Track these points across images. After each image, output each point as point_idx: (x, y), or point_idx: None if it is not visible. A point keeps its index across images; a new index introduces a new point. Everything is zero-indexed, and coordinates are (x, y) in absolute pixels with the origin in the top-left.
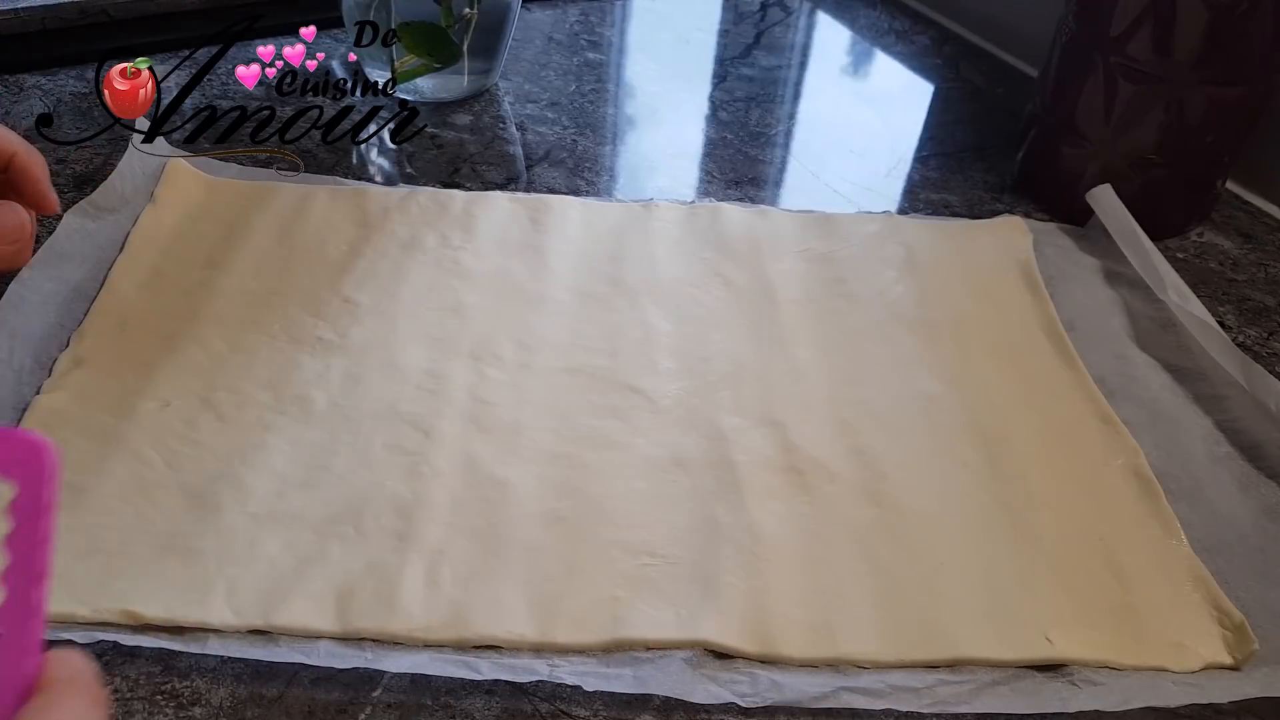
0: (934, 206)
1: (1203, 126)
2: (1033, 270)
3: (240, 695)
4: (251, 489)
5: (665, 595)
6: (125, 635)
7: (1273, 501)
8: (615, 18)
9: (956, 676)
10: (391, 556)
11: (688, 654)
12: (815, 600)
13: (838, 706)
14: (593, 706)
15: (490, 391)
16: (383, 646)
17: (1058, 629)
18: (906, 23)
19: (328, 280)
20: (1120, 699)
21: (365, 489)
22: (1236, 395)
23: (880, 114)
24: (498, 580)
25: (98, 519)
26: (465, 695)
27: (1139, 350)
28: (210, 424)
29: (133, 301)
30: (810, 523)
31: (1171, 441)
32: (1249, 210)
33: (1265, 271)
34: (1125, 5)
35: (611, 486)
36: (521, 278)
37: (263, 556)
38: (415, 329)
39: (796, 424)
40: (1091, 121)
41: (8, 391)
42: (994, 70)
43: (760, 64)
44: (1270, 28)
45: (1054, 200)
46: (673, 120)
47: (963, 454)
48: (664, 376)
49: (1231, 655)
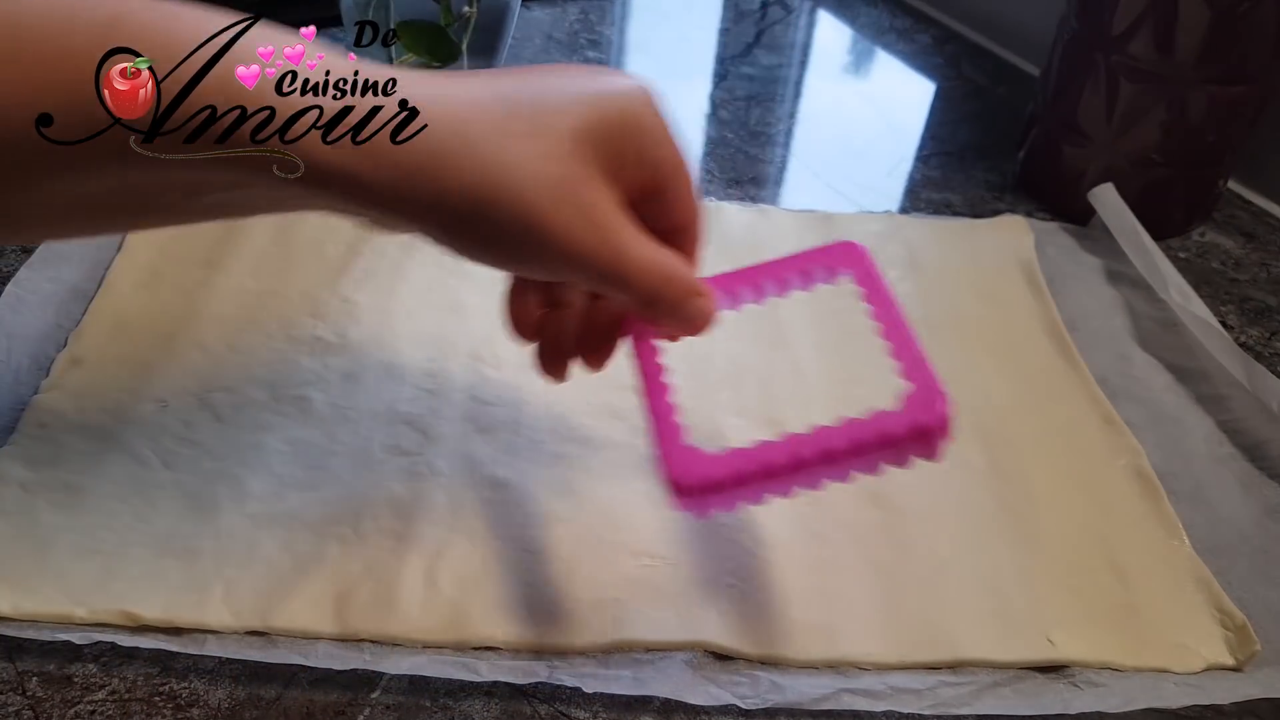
0: (935, 206)
1: (1204, 125)
2: (1034, 270)
3: (238, 696)
4: (249, 489)
5: (665, 596)
6: (123, 636)
7: (1275, 502)
8: (615, 16)
9: (957, 678)
10: (390, 557)
11: (688, 655)
12: (816, 601)
13: (838, 708)
14: (592, 708)
15: (490, 391)
16: (381, 648)
17: (1059, 630)
18: (908, 21)
19: (326, 280)
20: (1122, 700)
21: (364, 490)
22: (1239, 395)
23: (881, 113)
24: (497, 581)
25: (95, 519)
26: (464, 697)
27: (1141, 350)
28: (208, 424)
29: (130, 301)
30: (810, 523)
31: (1173, 442)
32: (1251, 210)
33: (1267, 271)
34: (1127, 4)
35: (611, 487)
36: None
37: (261, 557)
38: (414, 329)
39: (796, 424)
40: (1093, 121)
41: (5, 392)
42: (995, 69)
43: (761, 63)
44: (1272, 27)
45: (1056, 199)
46: (673, 119)
47: (964, 454)
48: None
49: (1234, 656)
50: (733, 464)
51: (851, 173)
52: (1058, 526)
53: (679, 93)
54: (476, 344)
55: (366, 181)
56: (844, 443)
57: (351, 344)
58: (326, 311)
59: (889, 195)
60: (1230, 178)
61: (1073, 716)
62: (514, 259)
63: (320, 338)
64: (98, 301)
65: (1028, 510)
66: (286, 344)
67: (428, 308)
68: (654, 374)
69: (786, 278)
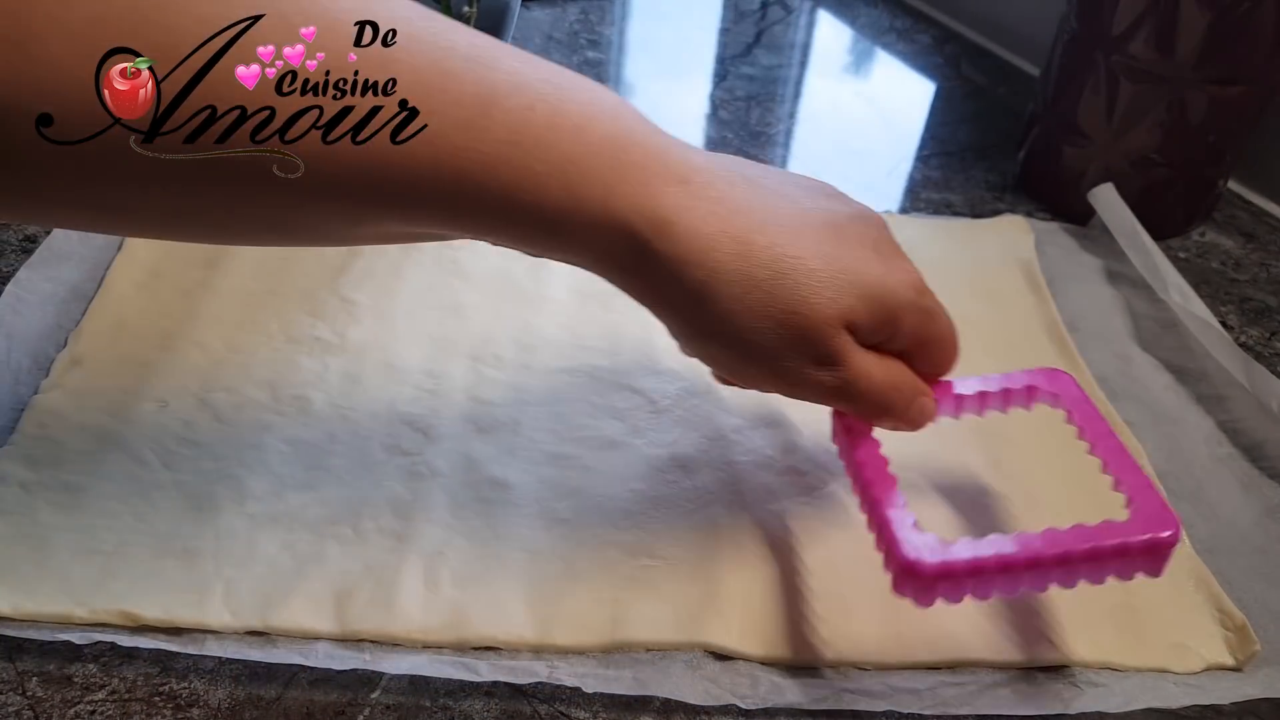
0: (935, 206)
1: (1204, 126)
2: (1034, 270)
3: (238, 696)
4: (249, 489)
5: (665, 596)
6: (123, 636)
7: (1275, 502)
8: (615, 16)
9: (958, 678)
10: (390, 557)
11: (688, 655)
12: (815, 601)
13: (839, 708)
14: (592, 708)
15: (489, 391)
16: (381, 648)
17: (1059, 630)
18: (908, 21)
19: (326, 280)
20: (1122, 700)
21: (364, 490)
22: (1238, 395)
23: (881, 113)
24: (497, 581)
25: (95, 519)
26: (464, 697)
27: (1141, 350)
28: (208, 424)
29: (130, 302)
30: (810, 523)
31: (1173, 442)
32: (1251, 210)
33: (1267, 271)
34: (1126, 4)
35: (611, 487)
36: (521, 277)
37: (261, 557)
38: (414, 329)
39: (796, 424)
40: (1093, 121)
41: (5, 392)
42: (995, 69)
43: (761, 63)
44: (1272, 27)
45: (1056, 200)
46: (673, 119)
47: (964, 454)
48: (664, 376)
49: (1233, 656)
50: (968, 554)
51: (851, 173)
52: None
53: (679, 93)
54: (476, 344)
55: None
56: (1080, 547)
57: (351, 344)
58: (326, 311)
59: (889, 195)
60: (1230, 178)
61: (1073, 716)
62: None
63: (320, 338)
64: (98, 301)
65: (1027, 510)
66: (286, 344)
67: (428, 308)
68: (879, 465)
69: (986, 395)
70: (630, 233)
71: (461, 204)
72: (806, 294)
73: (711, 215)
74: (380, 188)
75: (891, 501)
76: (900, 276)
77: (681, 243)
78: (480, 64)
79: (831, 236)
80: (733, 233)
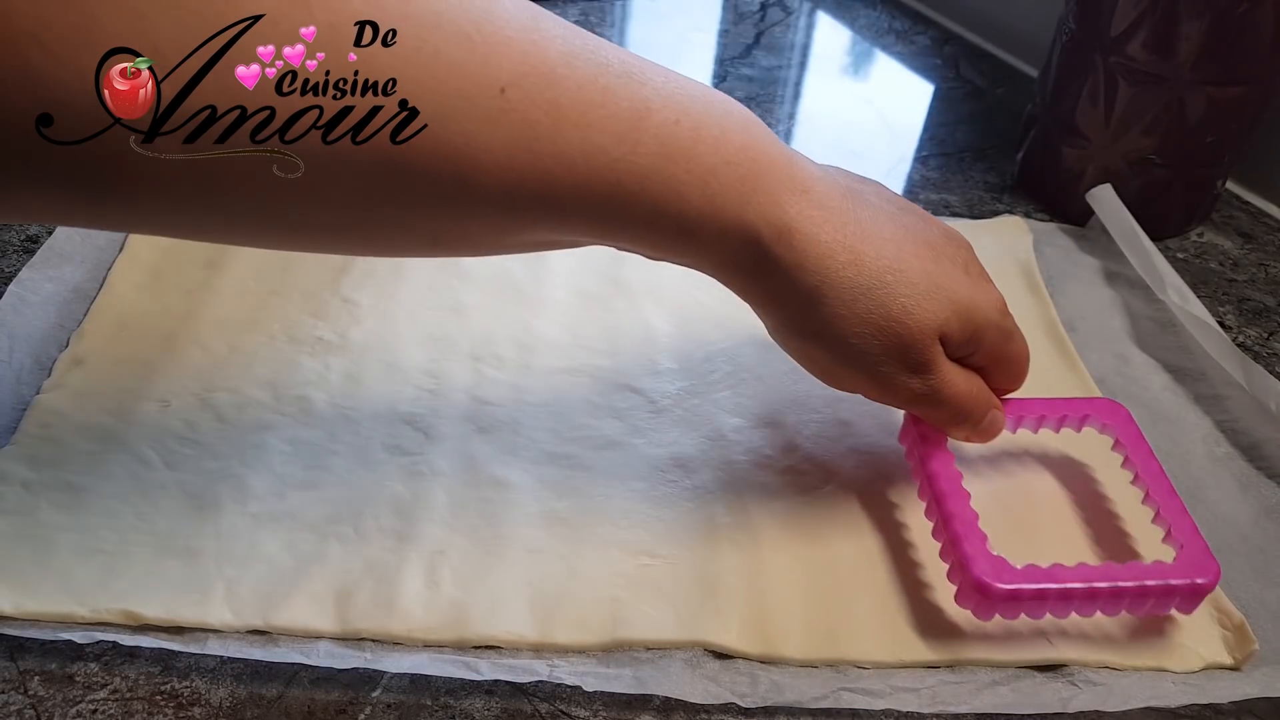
0: (934, 206)
1: (1203, 126)
2: (1033, 270)
3: (240, 695)
4: (251, 489)
5: (665, 595)
6: (124, 635)
7: (1273, 502)
8: (615, 17)
9: (957, 677)
10: (391, 557)
11: (688, 654)
12: (815, 600)
13: (838, 707)
14: (592, 707)
15: (490, 391)
16: (382, 647)
17: (1058, 629)
18: (906, 23)
19: (327, 280)
20: (1120, 699)
21: (365, 489)
22: (1236, 395)
23: (880, 114)
24: (497, 581)
25: (97, 519)
26: (465, 695)
27: (1139, 350)
28: (210, 424)
29: (132, 302)
30: (810, 523)
31: (1171, 442)
32: (1249, 210)
33: (1265, 272)
34: (1125, 5)
35: (611, 486)
36: (521, 278)
37: (262, 557)
38: (415, 329)
39: (796, 424)
40: (1091, 121)
41: (7, 392)
42: (994, 70)
43: (760, 64)
44: (1270, 28)
45: (1054, 200)
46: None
47: (963, 453)
48: (664, 376)
49: (1232, 655)
50: (1036, 583)
51: None
52: (1057, 526)
53: None
54: (477, 344)
55: None
56: (1132, 584)
57: (352, 344)
58: (328, 312)
59: None
60: (1228, 178)
61: (1071, 715)
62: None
63: (321, 338)
64: (100, 301)
65: (1027, 509)
66: (288, 344)
67: (428, 308)
68: (954, 478)
69: (1044, 416)
70: (756, 239)
71: (611, 212)
72: (908, 305)
73: (827, 224)
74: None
75: (965, 517)
76: (987, 296)
77: (800, 249)
78: (632, 79)
79: (929, 253)
80: (846, 242)
